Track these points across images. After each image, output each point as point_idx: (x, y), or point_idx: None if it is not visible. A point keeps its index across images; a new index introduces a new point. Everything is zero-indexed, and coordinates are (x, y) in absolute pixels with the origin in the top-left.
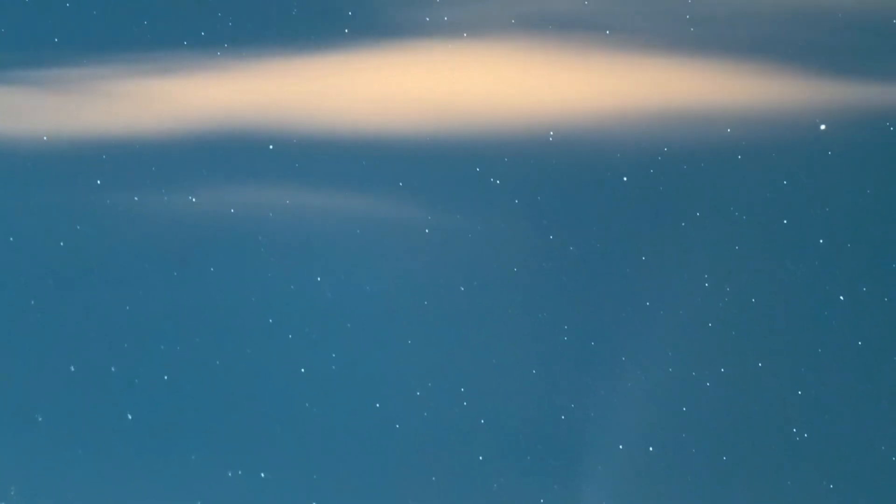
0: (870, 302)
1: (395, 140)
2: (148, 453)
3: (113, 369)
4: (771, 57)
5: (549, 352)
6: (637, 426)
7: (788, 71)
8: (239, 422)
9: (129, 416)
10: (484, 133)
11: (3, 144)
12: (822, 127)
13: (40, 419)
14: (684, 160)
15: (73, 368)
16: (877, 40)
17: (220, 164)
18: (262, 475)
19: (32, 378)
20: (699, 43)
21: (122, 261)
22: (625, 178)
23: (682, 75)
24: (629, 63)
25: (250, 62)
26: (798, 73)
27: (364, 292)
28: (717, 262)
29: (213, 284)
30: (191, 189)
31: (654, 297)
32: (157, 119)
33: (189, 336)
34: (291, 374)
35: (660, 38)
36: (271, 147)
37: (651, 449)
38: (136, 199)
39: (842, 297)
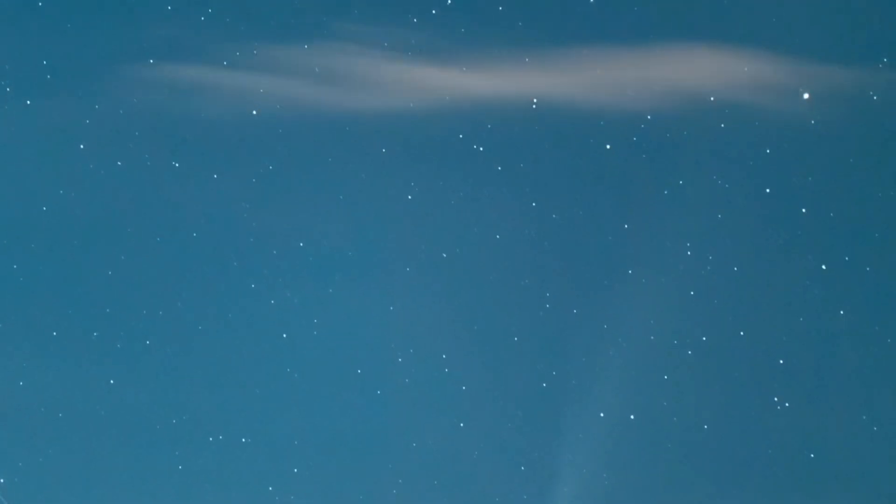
0: (851, 271)
1: (380, 108)
2: (129, 417)
3: (95, 334)
4: (755, 27)
5: (531, 319)
6: (618, 394)
7: (772, 40)
8: (220, 387)
9: (112, 381)
10: (466, 100)
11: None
12: (806, 96)
13: (21, 383)
14: (667, 128)
15: (55, 333)
16: (859, 11)
17: None
18: (244, 440)
19: (13, 342)
20: (682, 14)
21: (103, 226)
22: (608, 146)
23: (666, 47)
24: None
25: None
26: (782, 43)
27: (346, 258)
28: (700, 231)
29: (196, 250)
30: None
31: (637, 264)
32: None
33: (171, 301)
34: (274, 339)
35: (645, 8)
36: None
37: (632, 417)
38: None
39: (824, 267)
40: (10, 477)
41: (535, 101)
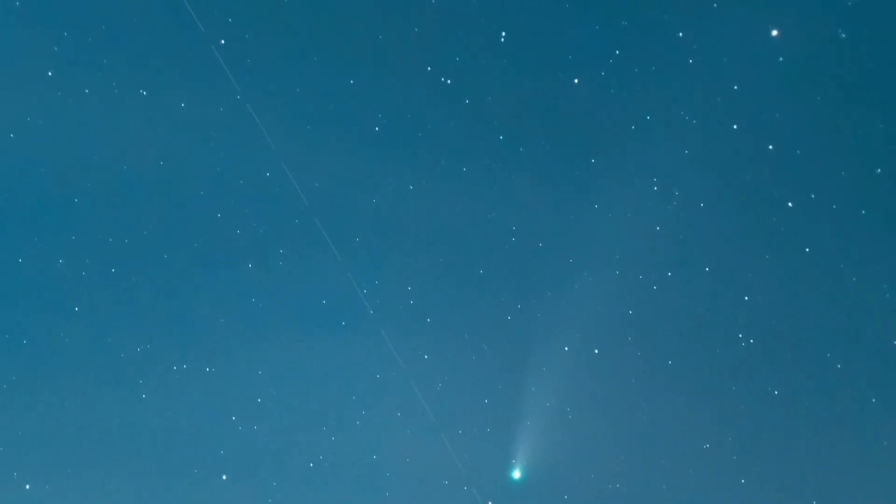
0: (818, 208)
1: (352, 41)
2: (92, 345)
3: (60, 261)
4: None
5: (496, 252)
6: (583, 328)
7: None
8: (185, 316)
9: (76, 309)
10: (434, 33)
11: None
12: (774, 33)
13: None
14: (635, 63)
15: (20, 260)
16: None
17: None
18: (207, 369)
19: None
20: None
21: (71, 155)
22: (576, 81)
23: None
24: None
25: None
26: None
27: (313, 189)
28: (667, 166)
29: (162, 179)
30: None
31: (603, 199)
32: None
33: (137, 230)
34: (238, 269)
35: None
36: None
37: (596, 351)
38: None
39: (790, 204)
40: None
41: (503, 34)
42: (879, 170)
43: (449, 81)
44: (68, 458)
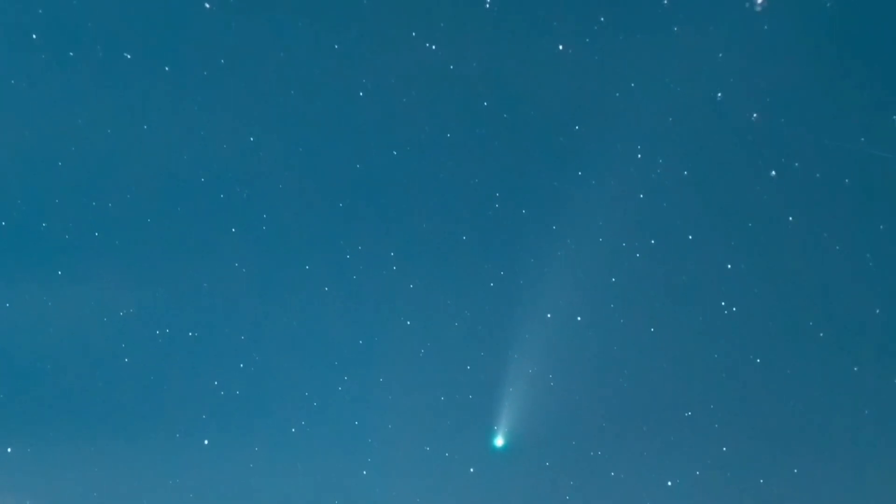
0: (801, 177)
1: (332, 3)
2: (76, 308)
3: (44, 225)
4: None
5: (480, 219)
6: (566, 295)
7: None
8: (167, 280)
9: (59, 273)
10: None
11: None
12: (759, 0)
13: None
14: (620, 31)
15: (3, 223)
16: None
17: None
18: (190, 334)
19: None
20: None
21: (54, 118)
22: (560, 47)
23: None
24: None
25: None
26: None
27: (297, 153)
28: (650, 134)
29: (146, 143)
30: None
31: (587, 166)
32: None
33: (120, 193)
34: (221, 233)
35: None
36: None
37: (579, 318)
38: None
39: (773, 173)
40: None
41: (488, 1)
42: (863, 139)
43: (434, 47)
44: (50, 422)
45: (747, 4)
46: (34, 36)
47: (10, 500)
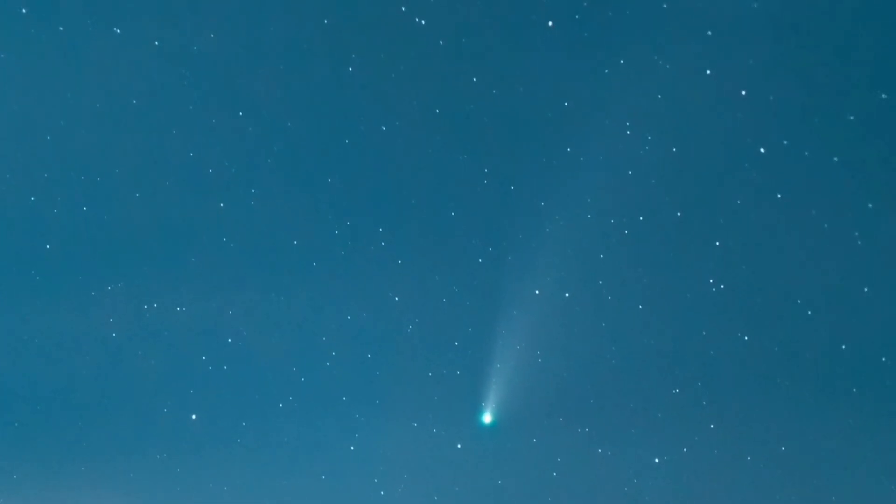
0: (790, 154)
1: None
2: (63, 282)
3: (32, 199)
4: None
5: (469, 194)
6: (553, 271)
7: None
8: (155, 255)
9: (48, 247)
10: None
11: None
12: None
13: None
14: (609, 7)
15: None
16: None
17: None
18: (178, 309)
19: None
20: None
21: (43, 93)
22: (550, 24)
23: None
24: None
25: None
26: None
27: (285, 129)
28: (639, 111)
29: (135, 118)
30: None
31: (575, 142)
32: None
33: (108, 168)
34: (211, 209)
35: None
36: None
37: (567, 295)
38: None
39: (762, 150)
40: None
41: None
42: (852, 117)
43: (423, 22)
44: (37, 397)
45: None
46: (24, 10)
47: None
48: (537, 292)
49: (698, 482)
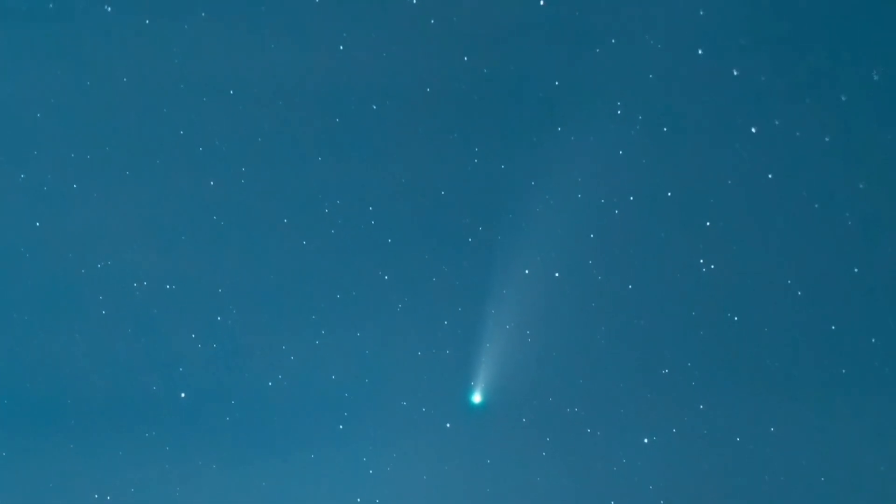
0: (781, 134)
1: None
2: (52, 260)
3: (22, 176)
4: None
5: (459, 173)
6: (544, 251)
7: None
8: (144, 233)
9: (38, 224)
10: None
11: None
12: None
13: None
14: None
15: None
16: None
17: None
18: (168, 286)
19: None
20: None
21: (32, 70)
22: (541, 3)
23: None
24: None
25: None
26: None
27: (275, 107)
28: (631, 90)
29: (125, 96)
30: None
31: (566, 122)
32: None
33: (99, 146)
34: (200, 186)
35: None
36: None
37: (557, 275)
38: None
39: (753, 130)
40: None
41: None
42: (844, 97)
43: (414, 1)
44: (25, 373)
45: None
46: None
47: None
48: (527, 272)
49: (687, 462)
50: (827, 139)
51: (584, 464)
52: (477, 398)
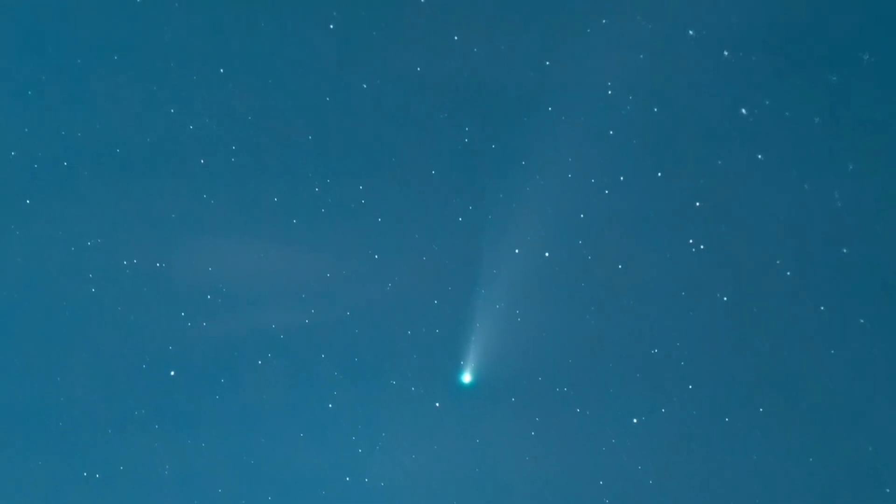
0: (772, 115)
1: None
2: (43, 238)
3: (13, 154)
4: None
5: (449, 153)
6: (533, 231)
7: None
8: (134, 211)
9: (28, 202)
10: None
11: None
12: None
13: None
14: None
15: None
16: None
17: None
18: (158, 265)
19: None
20: None
21: (23, 49)
22: None
23: None
24: None
25: None
26: None
27: (266, 86)
28: (621, 70)
29: (116, 77)
30: None
31: (556, 102)
32: None
33: (90, 124)
34: (191, 164)
35: None
36: None
37: (547, 254)
38: None
39: (744, 111)
40: None
41: None
42: (834, 77)
43: None
44: (14, 350)
45: None
46: None
47: None
48: (517, 251)
49: (676, 442)
50: (817, 120)
51: (574, 444)
52: (467, 378)
